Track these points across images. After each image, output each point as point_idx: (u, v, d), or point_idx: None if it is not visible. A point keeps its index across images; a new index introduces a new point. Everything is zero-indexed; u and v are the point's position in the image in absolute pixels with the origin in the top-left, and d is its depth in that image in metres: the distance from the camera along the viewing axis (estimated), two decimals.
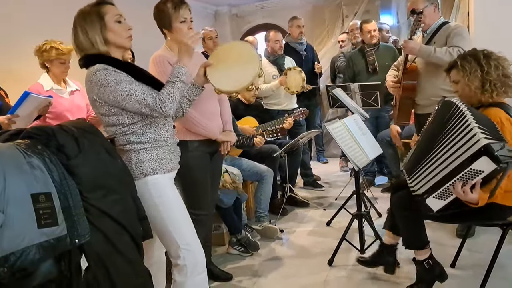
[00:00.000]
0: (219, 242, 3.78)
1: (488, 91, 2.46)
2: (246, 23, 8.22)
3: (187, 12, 2.56)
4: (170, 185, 2.20)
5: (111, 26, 2.05)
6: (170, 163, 2.20)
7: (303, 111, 4.65)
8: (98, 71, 1.98)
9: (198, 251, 2.20)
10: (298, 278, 3.13)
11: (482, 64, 2.48)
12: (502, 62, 2.50)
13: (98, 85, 1.98)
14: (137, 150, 2.10)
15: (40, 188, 1.51)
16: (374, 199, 4.52)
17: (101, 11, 2.05)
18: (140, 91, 2.01)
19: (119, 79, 1.99)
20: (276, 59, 5.03)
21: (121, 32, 2.09)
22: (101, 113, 2.09)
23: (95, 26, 2.03)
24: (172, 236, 2.13)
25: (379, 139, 4.14)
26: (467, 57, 2.56)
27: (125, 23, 2.11)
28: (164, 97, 2.03)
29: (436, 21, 3.50)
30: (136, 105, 2.01)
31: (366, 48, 5.05)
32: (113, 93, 1.98)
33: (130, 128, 2.09)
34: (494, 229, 2.67)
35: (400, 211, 2.65)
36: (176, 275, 2.19)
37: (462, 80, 2.54)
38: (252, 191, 4.29)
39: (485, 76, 2.46)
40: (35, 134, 1.67)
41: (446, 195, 2.25)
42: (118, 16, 2.08)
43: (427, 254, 2.63)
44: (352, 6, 7.20)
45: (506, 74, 2.48)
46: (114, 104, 2.02)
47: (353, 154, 3.17)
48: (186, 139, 2.63)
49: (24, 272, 1.43)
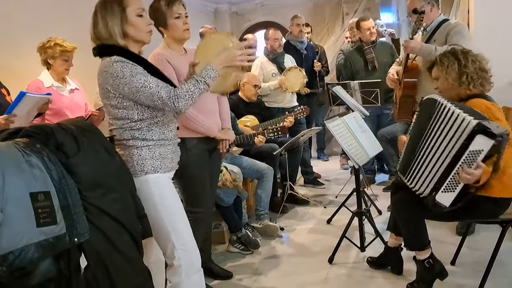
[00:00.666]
0: (219, 240, 3.78)
1: (465, 83, 2.54)
2: (246, 21, 8.20)
3: (181, 8, 2.56)
4: (169, 184, 2.19)
5: (132, 19, 2.03)
6: (171, 163, 2.19)
7: (304, 109, 4.64)
8: (116, 63, 1.96)
9: (194, 252, 2.20)
10: (298, 276, 3.13)
11: (460, 59, 2.58)
12: (480, 58, 2.60)
13: (114, 76, 1.97)
14: (140, 147, 2.08)
15: (39, 187, 1.51)
16: (374, 196, 4.52)
17: (123, 2, 2.02)
18: (154, 83, 1.98)
19: (134, 72, 1.97)
20: (276, 57, 5.03)
21: (142, 26, 2.06)
22: (112, 105, 2.06)
23: (115, 17, 2.01)
24: (169, 236, 2.12)
25: (378, 136, 4.14)
26: (446, 53, 2.67)
27: (146, 17, 2.08)
28: (180, 93, 2.00)
29: (435, 19, 3.50)
30: (150, 97, 1.98)
31: (364, 46, 5.03)
32: (128, 84, 1.96)
33: (137, 124, 2.07)
34: (494, 227, 2.67)
35: (401, 213, 2.66)
36: (171, 276, 2.17)
37: (441, 75, 2.63)
38: (252, 189, 4.29)
39: (462, 69, 2.55)
40: (34, 133, 1.67)
41: (454, 185, 2.26)
42: (140, 10, 2.05)
43: (428, 254, 2.64)
44: (352, 3, 7.19)
45: (483, 68, 2.57)
46: (128, 96, 2.00)
47: (353, 152, 3.17)
48: (185, 137, 2.63)
49: (23, 271, 1.43)
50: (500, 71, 2.68)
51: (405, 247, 2.71)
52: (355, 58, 5.16)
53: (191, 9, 2.62)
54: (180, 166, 2.33)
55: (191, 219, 2.68)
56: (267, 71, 4.99)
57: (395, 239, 2.95)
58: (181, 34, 2.60)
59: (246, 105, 4.58)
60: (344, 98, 4.17)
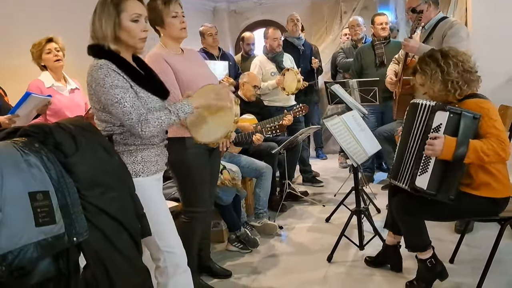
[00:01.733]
0: (218, 239, 3.78)
1: (451, 92, 2.49)
2: (244, 20, 8.20)
3: (178, 7, 2.56)
4: (153, 187, 2.16)
5: (125, 24, 2.00)
6: (155, 166, 2.16)
7: (302, 107, 4.64)
8: (101, 68, 1.95)
9: (180, 253, 2.20)
10: (297, 274, 3.13)
11: (441, 65, 2.49)
12: (461, 57, 2.51)
13: (96, 82, 1.96)
14: (121, 152, 2.06)
15: (37, 186, 1.51)
16: (373, 195, 4.52)
17: (120, 6, 1.99)
18: (130, 103, 1.97)
19: (115, 84, 1.95)
20: (275, 56, 5.02)
21: (136, 32, 2.03)
22: (95, 107, 2.07)
23: (110, 19, 1.98)
24: (154, 238, 2.11)
25: (376, 134, 4.14)
26: (425, 59, 2.58)
27: (141, 23, 2.05)
28: (150, 119, 1.99)
29: (433, 17, 3.49)
30: (120, 115, 1.97)
31: (376, 41, 5.02)
32: (105, 95, 1.96)
33: (119, 128, 2.06)
34: (493, 225, 2.68)
35: (401, 216, 2.67)
36: (158, 277, 2.19)
37: (427, 84, 2.57)
38: (251, 188, 4.29)
39: (446, 77, 2.48)
40: (32, 132, 1.66)
41: (426, 165, 2.44)
42: (136, 15, 2.02)
43: (430, 253, 2.66)
44: (350, 2, 7.20)
45: (467, 69, 2.49)
46: (103, 104, 2.01)
47: (352, 150, 3.17)
48: (183, 136, 2.62)
49: (22, 271, 1.42)
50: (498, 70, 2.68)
51: (407, 249, 2.71)
52: (366, 52, 5.13)
53: (190, 7, 2.62)
54: (179, 165, 2.33)
55: (189, 218, 2.70)
56: (266, 70, 4.99)
57: (393, 237, 2.96)
58: (178, 33, 2.59)
59: (245, 104, 4.57)
60: (342, 96, 4.17)
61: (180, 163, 2.36)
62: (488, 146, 2.31)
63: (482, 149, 2.30)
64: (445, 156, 2.34)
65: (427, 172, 2.44)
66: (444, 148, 2.32)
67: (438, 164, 2.41)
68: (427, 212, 2.57)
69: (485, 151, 2.31)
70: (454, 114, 2.35)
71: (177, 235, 2.22)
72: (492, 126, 2.35)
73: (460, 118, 2.33)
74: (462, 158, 2.32)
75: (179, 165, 2.35)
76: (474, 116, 2.34)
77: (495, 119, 2.38)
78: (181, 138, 2.59)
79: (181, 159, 2.36)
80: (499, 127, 2.36)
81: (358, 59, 5.20)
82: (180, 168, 2.40)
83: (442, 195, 2.41)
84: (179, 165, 2.34)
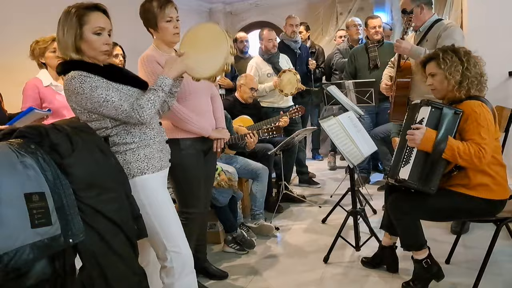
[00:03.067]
0: (214, 240, 3.77)
1: (465, 88, 2.52)
2: (240, 21, 8.21)
3: (173, 11, 2.54)
4: (160, 185, 2.18)
5: (87, 37, 1.98)
6: (159, 162, 2.17)
7: (299, 108, 4.64)
8: (73, 79, 1.94)
9: (187, 253, 2.20)
10: (294, 275, 3.13)
11: (463, 60, 2.53)
12: (479, 62, 2.57)
13: (75, 93, 1.95)
14: (123, 152, 2.07)
15: (33, 187, 1.51)
16: (369, 196, 4.53)
17: (83, 19, 1.97)
18: (117, 97, 1.98)
19: (94, 86, 1.95)
20: (271, 57, 5.02)
21: (97, 45, 2.00)
22: (83, 119, 2.04)
23: (71, 30, 1.97)
24: (160, 238, 2.12)
25: (372, 135, 4.15)
26: (448, 51, 2.59)
27: (104, 36, 2.02)
28: (142, 103, 2.01)
29: (427, 20, 3.50)
30: (113, 111, 1.98)
31: (369, 44, 5.03)
32: (89, 100, 1.95)
33: (113, 130, 2.06)
34: (488, 225, 2.69)
35: (396, 214, 2.68)
36: (164, 277, 2.19)
37: (441, 73, 2.57)
38: (247, 189, 4.29)
39: (465, 72, 2.51)
40: (28, 134, 1.66)
41: (409, 157, 2.55)
42: (98, 28, 1.99)
43: (425, 254, 2.66)
44: (346, 3, 7.22)
45: (482, 73, 2.56)
46: (92, 110, 1.99)
47: (348, 151, 3.18)
48: (178, 137, 2.62)
49: (18, 272, 1.42)
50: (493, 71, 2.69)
51: (402, 248, 2.72)
52: (360, 54, 5.13)
53: (185, 8, 2.61)
54: (175, 166, 2.32)
55: (185, 219, 2.69)
56: (262, 71, 4.99)
57: (389, 238, 2.96)
58: (170, 37, 2.58)
59: (242, 106, 4.58)
60: (338, 97, 4.17)
61: (175, 164, 2.35)
62: (466, 149, 2.36)
63: (458, 150, 2.37)
64: (425, 147, 2.45)
65: (409, 163, 2.54)
66: (424, 139, 2.43)
67: (420, 155, 2.51)
68: (422, 211, 2.58)
69: (461, 153, 2.36)
70: (436, 109, 2.48)
71: (184, 235, 2.22)
72: (477, 132, 2.38)
73: (441, 113, 2.45)
74: (440, 152, 2.39)
75: (174, 166, 2.34)
76: (455, 112, 2.43)
77: (483, 125, 2.38)
78: (176, 140, 2.59)
79: (176, 161, 2.36)
80: (484, 135, 2.37)
81: (352, 61, 5.20)
82: (175, 169, 2.40)
83: (422, 186, 2.48)
84: (174, 166, 2.33)
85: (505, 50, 4.17)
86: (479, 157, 2.34)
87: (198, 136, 2.71)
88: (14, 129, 1.71)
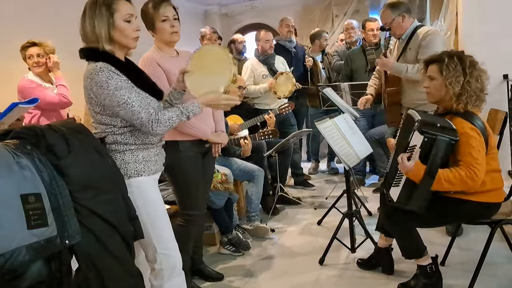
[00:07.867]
0: (210, 242, 3.77)
1: (463, 102, 2.44)
2: (236, 23, 8.22)
3: (169, 10, 2.53)
4: (153, 187, 2.18)
5: (119, 25, 2.00)
6: (155, 165, 2.17)
7: (288, 104, 4.63)
8: (101, 71, 1.94)
9: (176, 256, 2.20)
10: (289, 277, 3.13)
11: (467, 72, 2.45)
12: (483, 76, 2.49)
13: (98, 85, 1.95)
14: (122, 151, 2.07)
15: (29, 188, 1.50)
16: (364, 198, 4.53)
17: (112, 7, 1.98)
18: (137, 102, 1.98)
19: (119, 85, 1.95)
20: (266, 59, 5.01)
21: (129, 32, 2.03)
22: (95, 111, 2.05)
23: (103, 20, 1.97)
24: (151, 240, 2.11)
25: (367, 137, 4.15)
26: (454, 57, 2.50)
27: (134, 23, 2.05)
28: (162, 118, 2.01)
29: (408, 27, 3.53)
30: (129, 115, 1.98)
31: (367, 46, 5.04)
32: (110, 97, 1.95)
33: (120, 129, 2.06)
34: (483, 227, 2.69)
35: (393, 226, 2.70)
36: (152, 279, 2.18)
37: (441, 80, 2.50)
38: (243, 191, 4.29)
39: (465, 85, 2.43)
40: (24, 134, 1.65)
41: (399, 179, 2.53)
42: (129, 15, 2.02)
43: (428, 259, 2.66)
44: (342, 6, 7.24)
45: (483, 88, 2.48)
46: (107, 107, 2.00)
47: (344, 153, 3.18)
48: (177, 140, 2.62)
49: (14, 274, 1.42)
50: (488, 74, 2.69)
51: (404, 257, 2.72)
52: (356, 57, 5.14)
53: (181, 10, 2.60)
54: (174, 168, 2.32)
55: (185, 221, 2.69)
56: (258, 73, 4.98)
57: (385, 239, 2.97)
58: (168, 37, 2.57)
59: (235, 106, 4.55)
60: (334, 99, 4.19)
61: (174, 166, 2.35)
62: (456, 175, 2.33)
63: (448, 179, 2.33)
64: (413, 178, 2.41)
65: (398, 186, 2.54)
66: (414, 171, 2.38)
67: (409, 180, 2.45)
68: (417, 220, 2.56)
69: (451, 181, 2.34)
70: (429, 139, 2.35)
71: (174, 238, 2.22)
72: (467, 153, 2.34)
73: (435, 140, 2.34)
74: (428, 185, 2.36)
75: (174, 168, 2.34)
76: (451, 141, 2.35)
77: (474, 146, 2.34)
78: (175, 142, 2.58)
79: (175, 163, 2.36)
80: (475, 155, 2.33)
81: (348, 63, 5.21)
82: (174, 171, 2.39)
83: (410, 207, 2.46)
84: (173, 169, 2.33)
85: (500, 53, 4.19)
86: (472, 177, 2.30)
87: (197, 139, 2.70)
88: (10, 130, 1.70)
